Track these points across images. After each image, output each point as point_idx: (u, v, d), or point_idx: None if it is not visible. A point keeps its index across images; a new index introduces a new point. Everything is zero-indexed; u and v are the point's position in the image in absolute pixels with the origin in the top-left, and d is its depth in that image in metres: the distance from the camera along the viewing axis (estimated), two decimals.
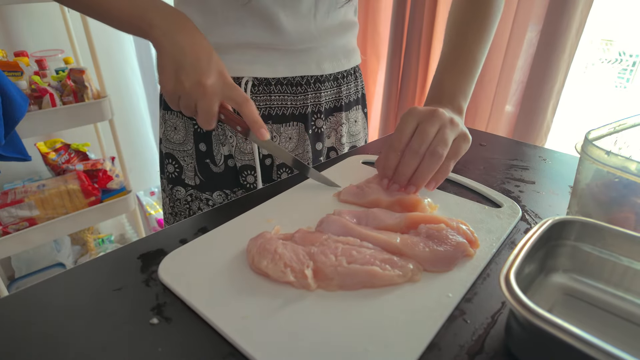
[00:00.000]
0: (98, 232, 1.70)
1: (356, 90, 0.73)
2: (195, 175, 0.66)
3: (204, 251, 0.39)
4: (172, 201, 0.69)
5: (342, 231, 0.40)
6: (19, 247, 1.23)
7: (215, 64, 0.46)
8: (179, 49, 0.45)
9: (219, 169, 0.65)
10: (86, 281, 0.37)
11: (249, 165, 0.65)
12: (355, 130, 0.76)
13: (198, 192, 0.66)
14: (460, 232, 0.39)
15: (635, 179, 0.36)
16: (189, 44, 0.45)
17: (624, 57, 1.24)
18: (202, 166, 0.65)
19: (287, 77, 0.62)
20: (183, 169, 0.66)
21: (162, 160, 0.70)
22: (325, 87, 0.66)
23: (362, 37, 1.62)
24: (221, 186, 0.66)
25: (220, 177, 0.66)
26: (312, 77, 0.64)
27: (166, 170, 0.68)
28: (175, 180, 0.67)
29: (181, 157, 0.66)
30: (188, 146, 0.65)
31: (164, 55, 0.45)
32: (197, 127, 0.63)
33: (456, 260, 0.37)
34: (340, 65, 0.67)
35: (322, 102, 0.67)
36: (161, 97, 0.67)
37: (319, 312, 0.32)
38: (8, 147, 1.09)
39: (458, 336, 0.31)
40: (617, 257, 0.34)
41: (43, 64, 1.27)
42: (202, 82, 0.44)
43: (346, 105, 0.71)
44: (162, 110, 0.67)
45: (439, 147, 0.45)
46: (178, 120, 0.65)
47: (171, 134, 0.66)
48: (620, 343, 0.24)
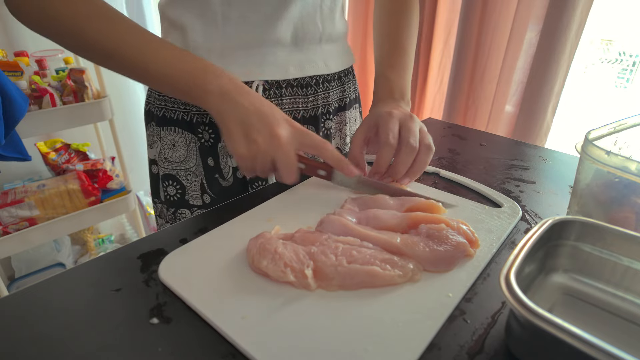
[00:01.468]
0: (98, 232, 1.70)
1: (354, 89, 0.73)
2: (202, 194, 0.62)
3: (203, 251, 0.39)
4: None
5: (342, 231, 0.39)
6: (19, 247, 1.23)
7: (279, 113, 0.44)
8: (243, 109, 0.43)
9: (227, 182, 0.62)
10: (86, 281, 0.37)
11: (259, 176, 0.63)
12: (355, 129, 0.75)
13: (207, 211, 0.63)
14: (461, 232, 0.39)
15: (635, 179, 0.36)
16: (249, 101, 0.43)
17: (624, 57, 1.24)
18: (211, 182, 0.62)
19: (298, 78, 0.61)
20: (186, 189, 0.62)
21: (156, 183, 0.64)
22: (332, 87, 0.66)
23: (362, 37, 1.62)
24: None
25: (230, 191, 0.63)
26: (321, 77, 0.63)
27: (165, 193, 0.63)
28: (178, 202, 0.63)
29: (183, 176, 0.61)
30: (191, 163, 0.61)
31: (228, 119, 0.43)
32: (203, 140, 0.60)
33: (456, 260, 0.37)
34: (343, 62, 0.67)
35: (330, 102, 0.66)
36: (146, 112, 0.63)
37: (319, 312, 0.32)
38: (8, 147, 1.09)
39: (458, 336, 0.31)
40: (617, 257, 0.34)
41: (43, 63, 1.27)
42: (276, 134, 0.42)
43: (348, 104, 0.71)
44: (153, 127, 0.62)
45: (430, 141, 0.50)
46: (177, 136, 0.60)
47: (169, 152, 0.61)
48: (620, 343, 0.24)
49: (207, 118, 0.59)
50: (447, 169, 0.59)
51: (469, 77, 1.28)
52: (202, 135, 0.59)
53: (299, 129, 0.45)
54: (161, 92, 0.59)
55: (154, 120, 0.61)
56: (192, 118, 0.59)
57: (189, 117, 0.59)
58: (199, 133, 0.59)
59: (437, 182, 0.56)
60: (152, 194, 0.67)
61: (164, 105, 0.60)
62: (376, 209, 0.44)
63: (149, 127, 0.63)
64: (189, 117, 0.59)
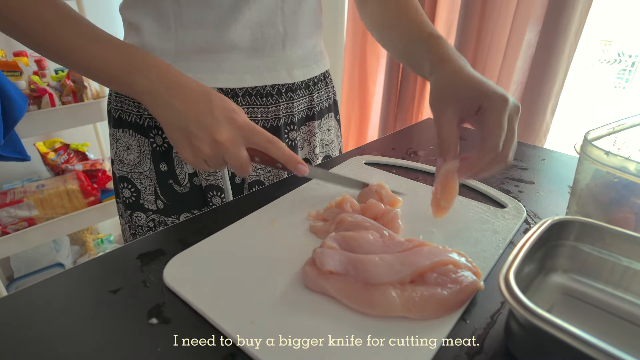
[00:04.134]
0: (97, 232, 1.70)
1: (327, 97, 0.69)
2: (156, 199, 0.59)
3: (208, 255, 0.39)
4: (133, 228, 0.62)
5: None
6: (18, 247, 1.23)
7: (219, 111, 0.41)
8: (178, 115, 0.41)
9: (183, 189, 0.59)
10: (85, 281, 0.37)
11: (215, 186, 0.59)
12: (328, 139, 0.71)
13: (162, 216, 0.60)
14: (466, 267, 0.34)
15: (634, 179, 0.36)
16: (183, 102, 0.41)
17: (623, 58, 1.25)
18: (164, 188, 0.58)
19: (256, 87, 0.57)
20: (141, 192, 0.59)
21: (115, 184, 0.63)
22: (298, 96, 0.62)
23: (362, 37, 1.62)
24: (189, 207, 0.60)
25: (186, 198, 0.59)
26: (284, 86, 0.59)
27: (122, 194, 0.61)
28: (133, 205, 0.60)
29: (137, 179, 0.59)
30: (144, 167, 0.58)
31: (166, 125, 0.42)
32: (155, 145, 0.56)
33: (467, 300, 0.33)
34: (310, 71, 0.63)
35: (294, 112, 0.62)
36: (109, 112, 0.60)
37: (328, 318, 0.32)
38: (7, 147, 1.09)
39: (458, 336, 0.31)
40: (617, 257, 0.34)
41: (42, 64, 1.27)
42: (217, 140, 0.41)
43: (318, 113, 0.67)
44: (111, 129, 0.60)
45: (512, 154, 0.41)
46: (131, 139, 0.57)
47: (124, 154, 0.58)
48: (619, 343, 0.24)
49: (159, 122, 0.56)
50: None
51: None
52: (154, 140, 0.56)
53: (243, 126, 0.42)
54: (117, 92, 0.56)
55: (111, 122, 0.60)
56: (145, 122, 0.56)
57: (142, 120, 0.56)
58: (151, 137, 0.56)
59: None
60: (114, 193, 0.65)
61: (120, 107, 0.57)
62: (362, 254, 0.35)
63: (109, 127, 0.61)
64: (141, 121, 0.56)
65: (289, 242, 0.41)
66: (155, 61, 0.42)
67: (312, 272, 0.34)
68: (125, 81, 0.41)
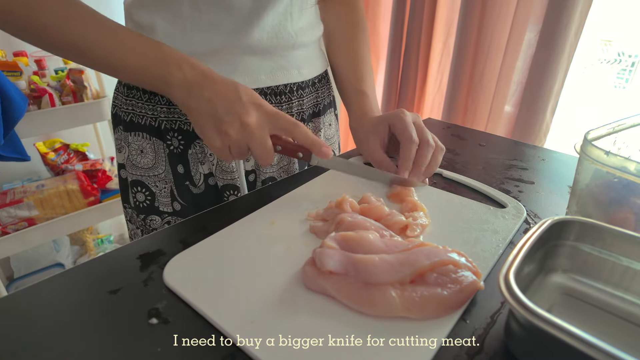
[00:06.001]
0: (97, 232, 1.70)
1: (329, 94, 0.72)
2: (172, 201, 0.60)
3: (208, 255, 0.39)
4: (147, 232, 0.61)
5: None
6: (18, 247, 1.23)
7: (247, 97, 0.44)
8: (208, 104, 0.43)
9: (198, 189, 0.60)
10: (85, 281, 0.37)
11: (232, 185, 0.60)
12: (329, 134, 0.74)
13: (178, 218, 0.60)
14: (466, 267, 0.34)
15: (634, 179, 0.36)
16: (213, 92, 0.43)
17: (623, 58, 1.25)
18: (181, 190, 0.59)
19: (271, 87, 0.59)
20: (155, 195, 0.60)
21: (125, 188, 0.62)
22: (307, 94, 0.64)
23: None
24: (204, 207, 0.60)
25: (202, 198, 0.60)
26: (295, 85, 0.62)
27: (134, 199, 0.60)
28: (148, 209, 0.60)
29: (152, 182, 0.59)
30: (160, 170, 0.59)
31: (197, 115, 0.43)
32: (171, 147, 0.57)
33: (467, 299, 0.33)
34: (316, 68, 0.66)
35: (304, 109, 0.65)
36: (113, 115, 0.61)
37: (327, 318, 0.31)
38: (7, 147, 1.09)
39: (458, 336, 0.31)
40: (617, 257, 0.34)
41: (42, 64, 1.27)
42: (245, 122, 0.42)
43: (322, 109, 0.70)
44: (120, 132, 0.59)
45: (439, 142, 0.53)
46: (145, 142, 0.58)
47: (137, 158, 0.58)
48: (619, 343, 0.24)
49: (175, 124, 0.56)
50: (446, 169, 0.59)
51: (468, 77, 1.28)
52: (170, 142, 0.57)
53: (270, 111, 0.44)
54: (128, 95, 0.57)
55: (121, 125, 0.59)
56: (161, 124, 0.56)
57: (157, 123, 0.56)
58: (167, 140, 0.57)
59: (436, 182, 0.56)
60: (122, 198, 0.65)
61: (131, 110, 0.57)
62: (362, 254, 0.35)
63: (116, 130, 0.61)
64: (156, 124, 0.56)
65: (289, 242, 0.41)
66: (183, 55, 0.45)
67: (312, 272, 0.34)
68: (159, 74, 0.44)
